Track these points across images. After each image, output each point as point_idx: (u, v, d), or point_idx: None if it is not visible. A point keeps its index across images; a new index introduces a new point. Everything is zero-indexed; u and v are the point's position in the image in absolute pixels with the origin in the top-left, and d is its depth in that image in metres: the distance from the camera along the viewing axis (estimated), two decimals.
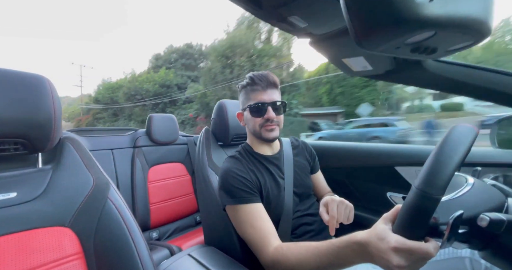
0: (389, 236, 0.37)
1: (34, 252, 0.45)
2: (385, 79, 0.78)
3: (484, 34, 0.30)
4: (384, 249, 0.37)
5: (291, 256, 0.54)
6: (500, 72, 0.61)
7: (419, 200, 0.34)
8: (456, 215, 0.33)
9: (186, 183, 1.61)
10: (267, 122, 0.74)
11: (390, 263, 0.36)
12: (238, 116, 0.83)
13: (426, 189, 0.34)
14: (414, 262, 0.36)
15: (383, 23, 0.29)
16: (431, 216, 0.35)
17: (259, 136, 0.77)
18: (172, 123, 1.63)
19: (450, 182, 0.34)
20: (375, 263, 0.40)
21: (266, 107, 0.73)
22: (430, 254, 0.34)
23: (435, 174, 0.34)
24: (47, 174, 0.53)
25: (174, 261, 0.68)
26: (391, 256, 0.36)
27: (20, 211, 0.47)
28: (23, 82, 0.48)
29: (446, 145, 0.36)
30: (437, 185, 0.33)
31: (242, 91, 0.78)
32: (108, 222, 0.52)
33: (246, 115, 0.78)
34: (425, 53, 0.36)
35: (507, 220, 0.33)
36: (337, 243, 0.46)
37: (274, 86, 0.75)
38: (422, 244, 0.35)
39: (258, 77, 0.74)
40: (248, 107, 0.75)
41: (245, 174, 0.70)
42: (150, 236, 1.39)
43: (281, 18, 0.52)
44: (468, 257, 0.61)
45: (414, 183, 0.36)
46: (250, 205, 0.66)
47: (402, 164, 0.92)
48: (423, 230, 0.36)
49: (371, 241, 0.39)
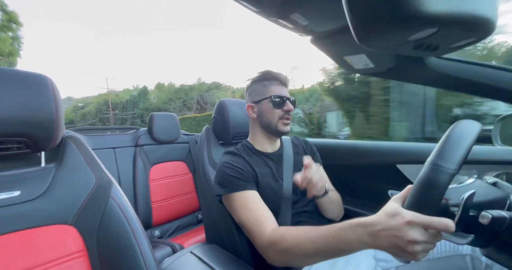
0: (402, 211, 0.36)
1: (37, 250, 0.46)
2: (387, 77, 0.77)
3: (488, 31, 0.29)
4: (397, 225, 0.35)
5: (289, 236, 0.52)
6: (504, 69, 0.60)
7: (433, 174, 0.34)
8: (468, 193, 0.33)
9: (187, 181, 1.62)
10: (286, 114, 0.77)
11: (402, 240, 0.35)
12: (247, 109, 0.83)
13: (440, 163, 0.33)
14: (429, 238, 0.34)
15: (385, 20, 0.29)
16: (445, 191, 0.34)
17: (274, 127, 0.78)
18: (174, 122, 1.63)
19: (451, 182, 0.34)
20: (379, 247, 0.38)
21: (285, 101, 0.77)
22: (450, 226, 0.33)
23: (449, 149, 0.34)
24: (50, 173, 0.54)
25: (176, 259, 0.68)
26: (405, 231, 0.34)
27: (24, 209, 0.47)
28: (25, 81, 0.49)
29: (456, 128, 0.36)
30: (451, 159, 0.33)
31: (257, 84, 0.80)
32: (111, 220, 0.52)
33: (263, 107, 0.78)
34: (428, 50, 0.36)
35: (509, 217, 0.33)
36: (339, 225, 0.44)
37: (288, 85, 0.82)
38: (440, 218, 0.34)
39: (277, 73, 0.79)
40: (271, 98, 0.77)
41: (241, 165, 0.71)
42: (152, 234, 1.40)
43: (282, 16, 0.51)
44: (469, 254, 0.61)
45: (427, 160, 0.36)
46: (245, 192, 0.66)
47: (403, 162, 0.92)
48: (436, 207, 0.35)
49: (380, 221, 0.38)
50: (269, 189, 0.72)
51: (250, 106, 0.81)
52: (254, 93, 0.80)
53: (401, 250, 0.36)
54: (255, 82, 0.81)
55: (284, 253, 0.52)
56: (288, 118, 0.78)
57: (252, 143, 0.82)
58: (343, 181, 1.13)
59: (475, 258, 0.59)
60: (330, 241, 0.44)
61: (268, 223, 0.60)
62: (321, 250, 0.46)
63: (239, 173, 0.69)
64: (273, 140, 0.82)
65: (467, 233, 0.38)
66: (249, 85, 0.83)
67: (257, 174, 0.72)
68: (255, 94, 0.80)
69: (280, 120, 0.77)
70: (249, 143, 0.83)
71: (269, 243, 0.56)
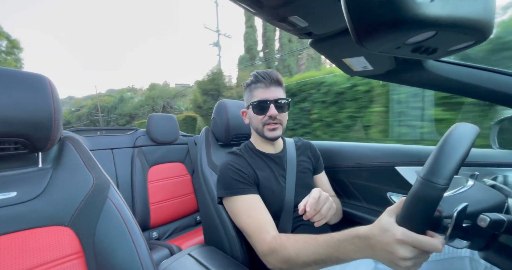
0: (394, 228, 0.36)
1: (33, 252, 0.45)
2: (385, 80, 0.78)
3: (485, 34, 0.30)
4: (389, 241, 0.36)
5: (289, 245, 0.53)
6: (501, 73, 0.60)
7: (425, 189, 0.34)
8: (461, 206, 0.33)
9: (186, 182, 1.61)
10: (270, 119, 0.73)
11: (394, 256, 0.35)
12: (242, 114, 0.83)
13: (431, 178, 0.33)
14: (419, 255, 0.35)
15: (384, 23, 0.29)
16: (437, 206, 0.34)
17: (261, 134, 0.77)
18: (173, 123, 1.63)
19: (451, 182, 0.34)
20: (376, 258, 0.39)
21: (269, 105, 0.72)
22: (437, 247, 0.34)
23: (441, 164, 0.34)
24: (47, 173, 0.53)
25: (174, 261, 0.68)
26: (396, 248, 0.35)
27: (20, 210, 0.47)
28: (23, 82, 0.48)
29: (451, 138, 0.36)
30: (443, 174, 0.33)
31: (247, 90, 0.79)
32: (108, 221, 0.52)
33: (249, 113, 0.78)
34: (426, 54, 0.36)
35: (507, 220, 0.33)
36: (337, 236, 0.45)
37: (277, 83, 0.75)
38: (429, 238, 0.34)
39: (261, 74, 0.74)
40: (251, 105, 0.75)
41: (242, 168, 0.70)
42: (150, 236, 1.39)
43: (281, 18, 0.51)
44: (468, 257, 0.61)
45: (419, 173, 0.36)
46: (247, 196, 0.66)
47: (402, 164, 0.92)
48: (428, 221, 0.35)
49: (375, 234, 0.38)
50: (270, 192, 0.72)
51: (243, 112, 0.82)
52: (245, 99, 0.80)
53: (394, 264, 0.37)
54: (246, 87, 0.79)
55: (284, 261, 0.53)
56: (274, 123, 0.73)
57: (254, 144, 0.82)
58: (342, 183, 1.13)
59: (474, 260, 0.59)
60: (329, 251, 0.45)
61: (269, 229, 0.60)
62: (321, 259, 0.47)
63: (241, 176, 0.68)
64: (271, 143, 0.81)
65: (464, 239, 0.38)
66: (244, 90, 0.81)
67: (258, 177, 0.72)
68: (245, 100, 0.80)
69: (265, 126, 0.74)
70: (251, 143, 0.82)
71: (269, 251, 0.57)
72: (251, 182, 0.69)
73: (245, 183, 0.67)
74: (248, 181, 0.68)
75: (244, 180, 0.68)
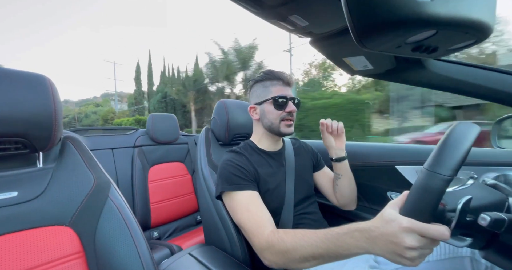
0: (399, 217, 0.36)
1: (34, 251, 0.45)
2: (386, 79, 0.78)
3: (486, 34, 0.30)
4: (394, 231, 0.35)
5: (287, 239, 0.52)
6: (501, 71, 0.60)
7: (430, 180, 0.34)
8: (465, 199, 0.33)
9: (186, 182, 1.61)
10: (288, 116, 0.76)
11: (399, 246, 0.35)
12: (249, 110, 0.83)
13: (436, 169, 0.33)
14: (426, 245, 0.35)
15: (384, 22, 0.29)
16: (442, 196, 0.34)
17: (276, 129, 0.77)
18: (173, 122, 1.63)
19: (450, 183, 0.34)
20: (376, 252, 0.38)
21: (288, 101, 0.76)
22: (445, 234, 0.33)
23: (445, 155, 0.34)
24: (48, 173, 0.53)
25: (175, 260, 0.68)
26: (403, 237, 0.34)
27: (21, 210, 0.47)
28: (24, 81, 0.48)
29: (454, 132, 0.36)
30: (448, 165, 0.33)
31: (258, 85, 0.79)
32: (109, 221, 0.52)
33: (265, 108, 0.77)
34: (426, 53, 0.36)
35: (508, 219, 0.33)
36: (336, 229, 0.44)
37: (292, 84, 0.80)
38: (436, 225, 0.34)
39: (278, 73, 0.77)
40: (272, 99, 0.75)
41: (243, 164, 0.71)
42: (151, 235, 1.39)
43: (281, 18, 0.51)
44: (468, 257, 0.61)
45: (423, 166, 0.36)
46: (246, 192, 0.66)
47: (402, 163, 0.92)
48: (433, 212, 0.35)
49: (378, 226, 0.38)
50: (271, 188, 0.72)
51: (252, 107, 0.81)
52: (256, 94, 0.80)
53: (399, 256, 0.36)
54: (256, 83, 0.80)
55: (282, 256, 0.52)
56: (290, 119, 0.77)
57: (256, 141, 0.82)
58: None
59: (475, 260, 0.59)
60: (328, 245, 0.44)
61: (267, 224, 0.60)
62: (319, 254, 0.46)
63: (242, 172, 0.69)
64: (276, 139, 0.82)
65: (466, 236, 0.38)
66: (251, 86, 0.82)
67: (259, 174, 0.72)
68: (257, 95, 0.80)
69: (282, 122, 0.76)
70: (252, 142, 0.82)
71: (267, 245, 0.56)
72: (251, 178, 0.69)
73: (246, 179, 0.68)
74: (248, 177, 0.69)
75: (244, 176, 0.68)
